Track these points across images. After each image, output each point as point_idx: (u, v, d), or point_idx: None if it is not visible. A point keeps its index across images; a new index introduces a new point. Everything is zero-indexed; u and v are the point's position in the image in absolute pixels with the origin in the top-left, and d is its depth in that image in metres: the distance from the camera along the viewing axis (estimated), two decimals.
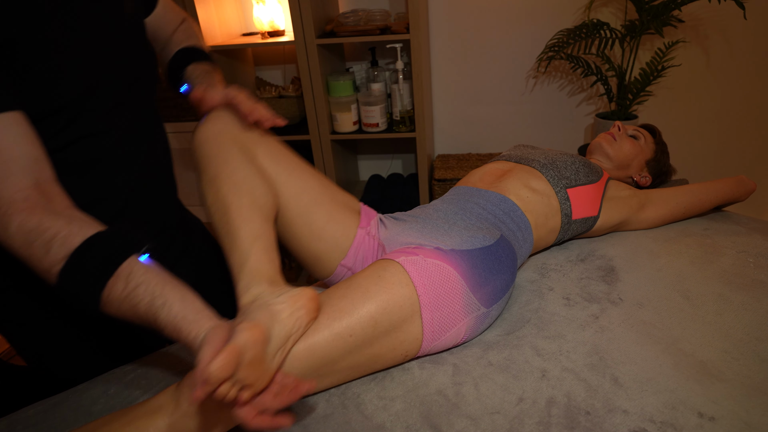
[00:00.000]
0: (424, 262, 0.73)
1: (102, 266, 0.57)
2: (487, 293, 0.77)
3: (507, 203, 0.94)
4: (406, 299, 0.70)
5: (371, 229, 0.91)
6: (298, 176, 0.83)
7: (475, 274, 0.76)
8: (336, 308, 0.68)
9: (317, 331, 0.66)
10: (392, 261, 0.74)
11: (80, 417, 0.70)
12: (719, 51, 2.02)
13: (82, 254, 0.56)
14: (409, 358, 0.75)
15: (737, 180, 1.10)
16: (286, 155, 0.83)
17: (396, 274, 0.72)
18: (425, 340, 0.73)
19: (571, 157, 1.04)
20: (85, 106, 0.68)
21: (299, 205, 0.83)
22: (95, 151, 0.71)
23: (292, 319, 0.62)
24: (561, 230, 1.00)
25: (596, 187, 1.01)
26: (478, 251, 0.78)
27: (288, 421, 0.57)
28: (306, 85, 1.94)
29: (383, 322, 0.68)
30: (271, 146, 0.82)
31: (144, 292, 0.57)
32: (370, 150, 2.46)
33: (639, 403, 0.66)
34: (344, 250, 0.88)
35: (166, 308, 0.56)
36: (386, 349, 0.71)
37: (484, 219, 0.89)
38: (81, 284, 0.57)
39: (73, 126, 0.68)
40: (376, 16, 1.94)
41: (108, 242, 0.58)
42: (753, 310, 0.82)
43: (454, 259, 0.75)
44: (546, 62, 2.06)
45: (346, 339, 0.67)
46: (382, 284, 0.70)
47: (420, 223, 0.88)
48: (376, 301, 0.69)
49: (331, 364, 0.67)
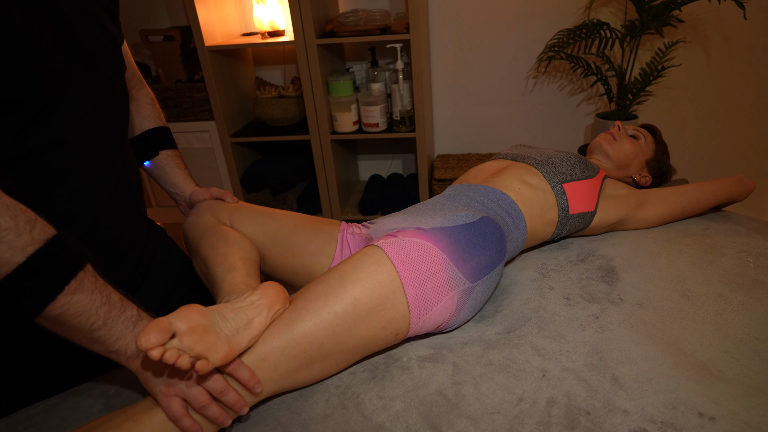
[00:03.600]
0: (403, 242, 0.74)
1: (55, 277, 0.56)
2: (472, 268, 0.77)
3: (496, 193, 0.95)
4: (385, 275, 0.71)
5: (353, 230, 0.96)
6: (273, 220, 0.93)
7: (458, 249, 0.76)
8: (314, 292, 0.70)
9: (296, 316, 0.68)
10: (371, 245, 0.76)
11: (80, 417, 0.70)
12: (719, 51, 2.02)
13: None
14: (401, 338, 0.75)
15: (736, 180, 1.10)
16: (257, 210, 0.95)
17: (373, 255, 0.73)
18: (413, 315, 0.73)
19: (566, 154, 1.05)
20: (53, 108, 0.64)
21: (278, 240, 0.92)
22: (64, 160, 0.68)
23: (248, 304, 0.65)
24: (558, 224, 1.00)
25: (592, 183, 1.02)
26: (459, 227, 0.80)
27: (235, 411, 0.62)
28: (306, 85, 1.94)
29: (363, 300, 0.69)
30: (245, 208, 0.94)
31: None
32: (370, 150, 2.46)
33: (639, 403, 0.66)
34: (330, 254, 0.93)
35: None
36: (375, 329, 0.71)
37: (470, 206, 0.91)
38: (29, 292, 0.54)
39: (39, 127, 0.64)
40: (376, 16, 1.94)
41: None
42: (753, 310, 0.82)
43: (434, 236, 0.76)
44: (546, 62, 2.06)
45: (324, 317, 0.67)
46: (359, 266, 0.72)
47: (406, 213, 0.91)
48: (352, 281, 0.70)
49: (318, 348, 0.67)
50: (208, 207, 0.92)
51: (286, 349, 0.66)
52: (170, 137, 0.99)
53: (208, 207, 0.92)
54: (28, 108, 0.61)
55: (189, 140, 2.20)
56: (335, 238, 0.94)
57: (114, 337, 0.58)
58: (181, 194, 0.98)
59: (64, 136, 0.67)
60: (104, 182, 0.74)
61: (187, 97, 2.08)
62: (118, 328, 0.58)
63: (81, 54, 0.67)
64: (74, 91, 0.67)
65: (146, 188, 2.34)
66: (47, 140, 0.65)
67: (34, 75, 0.61)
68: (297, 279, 0.94)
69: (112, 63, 0.75)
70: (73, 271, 0.56)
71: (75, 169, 0.69)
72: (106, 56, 0.73)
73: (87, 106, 0.69)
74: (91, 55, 0.69)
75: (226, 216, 0.91)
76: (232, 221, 0.91)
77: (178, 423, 0.59)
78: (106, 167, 0.74)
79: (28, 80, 0.60)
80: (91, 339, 0.58)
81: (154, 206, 2.38)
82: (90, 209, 0.72)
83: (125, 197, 0.79)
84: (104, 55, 0.72)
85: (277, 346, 0.65)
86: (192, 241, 0.88)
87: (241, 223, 0.91)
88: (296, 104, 2.09)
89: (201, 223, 0.88)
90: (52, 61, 0.63)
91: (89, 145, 0.71)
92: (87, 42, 0.68)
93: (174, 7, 2.25)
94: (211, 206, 0.92)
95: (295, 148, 2.37)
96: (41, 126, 0.64)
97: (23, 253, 0.52)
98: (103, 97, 0.72)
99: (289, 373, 0.67)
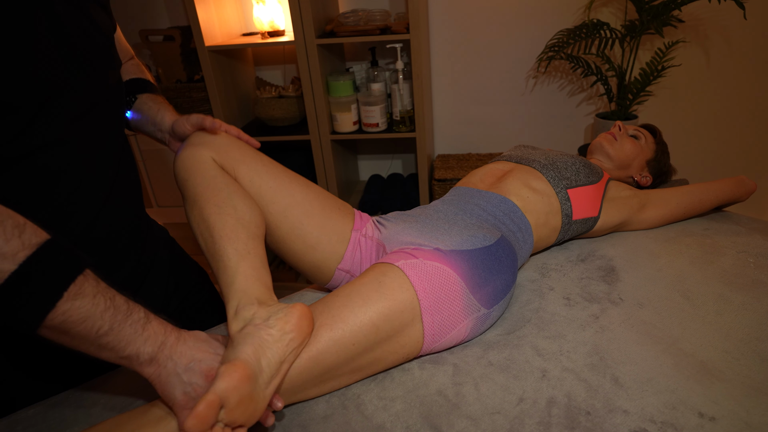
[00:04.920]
0: (424, 265, 0.73)
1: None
2: (487, 294, 0.77)
3: (507, 204, 0.94)
4: (407, 304, 0.70)
5: (367, 231, 0.91)
6: (285, 191, 0.83)
7: (474, 275, 0.75)
8: (337, 317, 0.68)
9: (318, 341, 0.65)
10: (391, 265, 0.74)
11: (80, 417, 0.70)
12: (719, 51, 2.02)
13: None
14: (410, 359, 0.75)
15: (737, 180, 1.10)
16: (269, 171, 0.82)
17: (396, 279, 0.71)
18: (426, 342, 0.73)
19: (571, 157, 1.04)
20: (48, 110, 0.63)
21: (289, 220, 0.83)
22: (61, 159, 0.67)
23: (283, 344, 0.61)
24: (561, 230, 1.00)
25: (596, 188, 1.01)
26: (477, 251, 0.78)
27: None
28: (306, 85, 1.94)
29: (384, 328, 0.69)
30: (253, 164, 0.81)
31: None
32: (370, 150, 2.46)
33: (639, 403, 0.66)
34: (340, 254, 0.88)
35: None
36: (388, 353, 0.71)
37: (484, 220, 0.89)
38: (28, 299, 0.51)
39: (35, 129, 0.63)
40: (376, 16, 1.94)
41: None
42: (753, 310, 0.82)
43: (453, 260, 0.75)
44: (546, 62, 2.06)
45: (348, 348, 0.67)
46: (382, 290, 0.70)
47: (420, 222, 0.88)
48: (376, 308, 0.68)
49: (334, 371, 0.68)
50: (208, 142, 0.79)
51: (303, 372, 0.65)
52: (152, 86, 0.91)
53: (208, 142, 0.79)
54: (23, 112, 0.60)
55: None
56: (348, 236, 0.88)
57: (123, 342, 0.55)
58: (161, 126, 0.87)
59: (60, 137, 0.66)
60: (102, 180, 0.73)
61: (187, 97, 2.08)
62: (126, 332, 0.56)
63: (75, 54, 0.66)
64: (69, 91, 0.66)
65: (146, 188, 2.34)
66: (44, 142, 0.64)
67: (28, 79, 0.60)
68: (301, 266, 0.89)
69: (106, 60, 0.74)
70: (72, 276, 0.52)
71: (72, 168, 0.68)
72: (100, 54, 0.72)
73: (82, 105, 0.69)
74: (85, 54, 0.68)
75: (230, 163, 0.79)
76: (237, 174, 0.79)
77: None
78: (103, 165, 0.74)
79: (21, 84, 0.59)
80: (99, 346, 0.55)
81: (154, 206, 2.38)
82: (88, 207, 0.71)
83: (124, 195, 0.79)
84: (98, 54, 0.72)
85: (298, 377, 0.65)
86: (187, 184, 0.76)
87: (249, 182, 0.80)
88: (296, 104, 2.09)
89: (199, 166, 0.76)
90: (46, 63, 0.62)
91: (86, 144, 0.70)
92: (80, 41, 0.68)
93: (174, 7, 2.24)
94: (213, 145, 0.79)
95: (295, 148, 2.37)
96: (37, 128, 0.62)
97: (14, 260, 0.48)
98: (98, 94, 0.72)
99: (302, 388, 0.67)
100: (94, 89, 0.71)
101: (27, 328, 0.51)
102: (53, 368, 0.77)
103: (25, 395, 0.75)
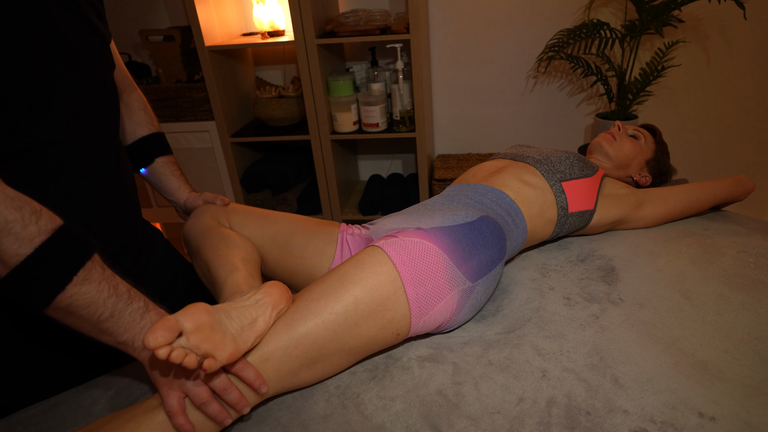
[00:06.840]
0: (403, 242, 0.74)
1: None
2: (473, 267, 0.77)
3: (495, 193, 0.95)
4: (386, 276, 0.71)
5: (353, 231, 0.96)
6: (271, 222, 0.94)
7: (458, 248, 0.76)
8: (315, 292, 0.70)
9: (298, 317, 0.68)
10: (371, 246, 0.76)
11: (80, 417, 0.70)
12: (719, 51, 2.02)
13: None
14: (402, 338, 0.75)
15: (736, 179, 1.10)
16: (255, 212, 0.96)
17: (374, 255, 0.73)
18: (413, 316, 0.73)
19: (565, 153, 1.06)
20: (42, 107, 0.64)
21: (278, 243, 0.93)
22: (57, 159, 0.68)
23: (251, 303, 0.66)
24: (558, 223, 1.00)
25: (591, 181, 1.02)
26: (459, 227, 0.80)
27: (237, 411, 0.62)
28: (306, 85, 1.94)
29: (364, 300, 0.69)
30: (242, 211, 0.95)
31: None
32: (370, 150, 2.46)
33: (639, 403, 0.66)
34: (330, 255, 0.93)
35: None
36: (375, 329, 0.71)
37: (470, 206, 0.91)
38: (39, 281, 0.54)
39: (29, 126, 0.63)
40: (376, 16, 1.94)
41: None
42: (753, 310, 0.82)
43: (434, 235, 0.77)
44: (546, 62, 2.06)
45: (326, 317, 0.67)
46: (360, 266, 0.72)
47: (405, 213, 0.92)
48: (353, 281, 0.70)
49: (320, 348, 0.68)
50: (207, 209, 0.93)
51: (288, 350, 0.66)
52: (164, 143, 1.00)
53: (207, 209, 0.93)
54: (15, 107, 0.61)
55: (189, 140, 2.20)
56: (335, 239, 0.95)
57: (122, 329, 0.59)
58: (176, 201, 1.00)
59: (55, 136, 0.67)
60: (98, 181, 0.74)
61: (187, 97, 2.08)
62: (125, 320, 0.59)
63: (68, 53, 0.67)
64: (63, 89, 0.67)
65: (146, 189, 2.34)
66: (38, 139, 0.65)
67: (20, 73, 0.60)
68: (297, 280, 0.94)
69: (101, 61, 0.74)
70: (81, 261, 0.56)
71: (67, 169, 0.69)
72: (94, 55, 0.72)
73: (77, 104, 0.69)
74: (79, 53, 0.69)
75: (225, 218, 0.92)
76: (231, 223, 0.92)
77: (172, 420, 0.59)
78: (99, 166, 0.74)
79: (13, 78, 0.59)
80: (99, 330, 0.59)
81: (154, 206, 2.38)
82: (84, 208, 0.72)
83: (119, 197, 0.79)
84: (92, 54, 0.72)
85: (279, 347, 0.65)
86: (193, 243, 0.89)
87: (240, 225, 0.92)
88: (296, 104, 2.09)
89: (201, 226, 0.89)
90: (38, 59, 0.62)
91: (81, 144, 0.71)
92: (74, 40, 0.68)
93: (174, 7, 2.24)
94: (210, 208, 0.93)
95: (295, 148, 2.37)
96: (31, 125, 0.64)
97: (31, 244, 0.52)
98: (93, 95, 0.72)
99: (292, 373, 0.67)
100: (89, 90, 0.71)
101: (35, 308, 0.55)
102: (53, 368, 0.77)
103: (26, 395, 0.75)
